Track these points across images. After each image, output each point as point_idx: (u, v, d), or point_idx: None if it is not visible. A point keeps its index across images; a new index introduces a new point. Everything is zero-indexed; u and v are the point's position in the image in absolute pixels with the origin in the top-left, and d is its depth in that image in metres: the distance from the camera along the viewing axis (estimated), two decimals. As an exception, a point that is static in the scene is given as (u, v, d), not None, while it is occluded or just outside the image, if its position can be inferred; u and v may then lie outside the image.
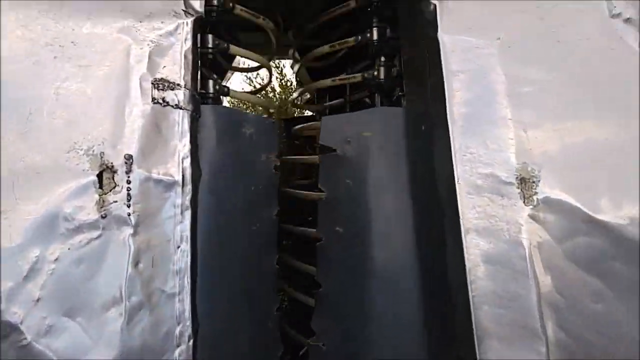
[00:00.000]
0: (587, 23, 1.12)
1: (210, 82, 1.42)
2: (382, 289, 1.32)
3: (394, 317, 1.30)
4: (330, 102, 2.03)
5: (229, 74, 2.07)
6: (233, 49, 1.46)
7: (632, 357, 0.98)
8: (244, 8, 1.44)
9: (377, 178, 1.36)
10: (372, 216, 1.34)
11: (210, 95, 1.42)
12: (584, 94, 1.11)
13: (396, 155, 1.33)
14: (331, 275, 1.43)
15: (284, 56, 2.43)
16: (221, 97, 1.49)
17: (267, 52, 1.80)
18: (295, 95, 1.94)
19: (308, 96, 2.64)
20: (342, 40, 1.58)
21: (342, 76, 1.66)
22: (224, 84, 1.50)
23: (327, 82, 1.70)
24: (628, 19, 1.10)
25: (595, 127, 1.09)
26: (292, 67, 2.58)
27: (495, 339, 1.06)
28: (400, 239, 1.31)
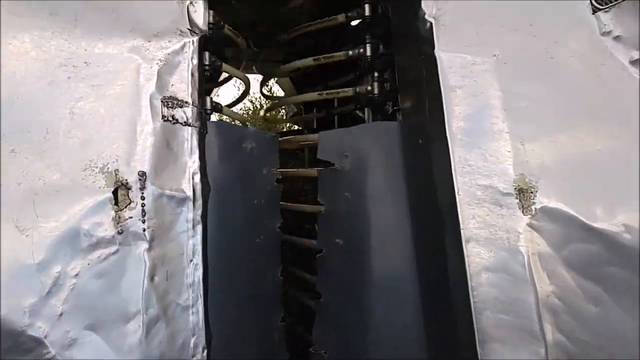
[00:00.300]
0: (579, 40, 1.18)
1: (208, 98, 1.45)
2: (381, 299, 1.36)
3: (393, 327, 1.33)
4: (315, 114, 2.07)
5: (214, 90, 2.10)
6: (224, 66, 1.49)
7: (628, 357, 1.02)
8: (229, 27, 1.47)
9: (375, 190, 1.40)
10: (371, 228, 1.39)
11: (208, 111, 1.45)
12: (577, 108, 1.16)
13: (393, 167, 1.38)
14: (331, 286, 1.47)
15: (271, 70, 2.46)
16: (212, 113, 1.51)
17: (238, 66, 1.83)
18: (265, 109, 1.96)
19: (295, 110, 2.67)
20: (329, 55, 1.60)
21: (332, 90, 1.68)
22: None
23: (314, 95, 1.72)
24: (617, 36, 1.16)
25: (589, 139, 1.14)
26: (276, 82, 2.62)
27: (497, 342, 1.10)
28: (399, 250, 1.35)
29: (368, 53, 1.55)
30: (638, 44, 1.15)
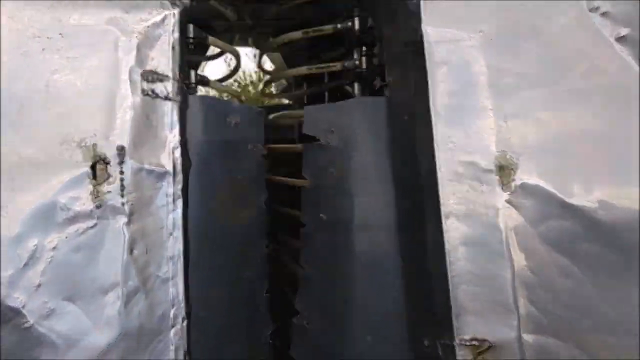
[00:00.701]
0: (567, 17, 1.16)
1: (192, 72, 1.42)
2: (364, 274, 1.38)
3: (375, 301, 1.36)
4: (307, 90, 2.04)
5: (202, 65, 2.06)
6: (210, 39, 1.46)
7: (596, 329, 1.06)
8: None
9: (361, 167, 1.40)
10: (355, 203, 1.39)
11: (192, 85, 1.43)
12: (562, 86, 1.15)
13: (379, 144, 1.37)
14: (314, 260, 1.49)
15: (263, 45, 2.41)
16: (197, 87, 1.49)
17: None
18: (262, 85, 1.95)
19: (285, 84, 2.62)
20: (318, 28, 1.56)
21: (321, 65, 1.65)
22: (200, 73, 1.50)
23: (303, 69, 1.68)
24: (605, 12, 1.13)
25: (572, 118, 1.14)
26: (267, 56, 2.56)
27: (472, 315, 1.14)
28: (382, 225, 1.36)
29: (356, 26, 1.51)
30: (625, 20, 1.13)
